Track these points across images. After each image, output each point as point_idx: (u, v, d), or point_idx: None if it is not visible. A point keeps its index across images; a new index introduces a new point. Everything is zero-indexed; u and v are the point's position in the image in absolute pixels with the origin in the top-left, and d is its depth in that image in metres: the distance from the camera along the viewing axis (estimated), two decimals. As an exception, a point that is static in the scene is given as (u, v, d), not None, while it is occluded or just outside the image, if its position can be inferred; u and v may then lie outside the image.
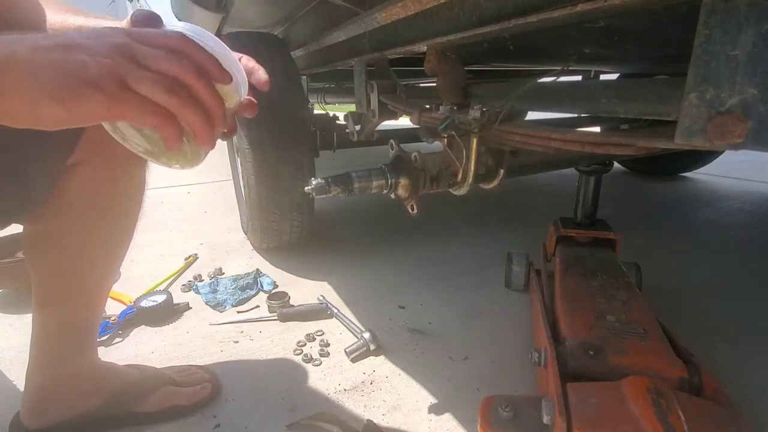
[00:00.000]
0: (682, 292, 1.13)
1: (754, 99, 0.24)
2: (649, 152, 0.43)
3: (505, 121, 0.56)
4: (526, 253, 1.12)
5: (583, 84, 0.53)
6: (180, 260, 1.34)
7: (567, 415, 0.49)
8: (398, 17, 0.45)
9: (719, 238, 1.52)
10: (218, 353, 0.89)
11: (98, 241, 0.61)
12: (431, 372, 0.82)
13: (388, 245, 1.46)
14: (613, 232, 0.97)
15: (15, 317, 1.02)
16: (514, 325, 0.97)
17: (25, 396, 0.65)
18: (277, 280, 1.20)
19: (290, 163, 1.15)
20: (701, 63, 0.26)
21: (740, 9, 0.24)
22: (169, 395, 0.70)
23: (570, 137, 0.48)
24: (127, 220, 0.64)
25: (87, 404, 0.66)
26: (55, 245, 0.58)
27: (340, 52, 1.08)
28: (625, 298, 0.76)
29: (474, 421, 0.69)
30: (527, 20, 0.39)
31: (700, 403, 0.52)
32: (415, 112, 0.69)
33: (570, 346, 0.64)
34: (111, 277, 0.68)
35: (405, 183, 0.58)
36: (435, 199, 0.85)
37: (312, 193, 0.59)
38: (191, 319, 1.03)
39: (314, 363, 0.85)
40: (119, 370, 0.71)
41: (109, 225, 0.61)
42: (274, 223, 1.22)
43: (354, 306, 1.07)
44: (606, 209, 1.07)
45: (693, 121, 0.27)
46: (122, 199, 0.61)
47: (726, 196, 2.07)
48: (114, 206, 0.60)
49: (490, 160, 0.67)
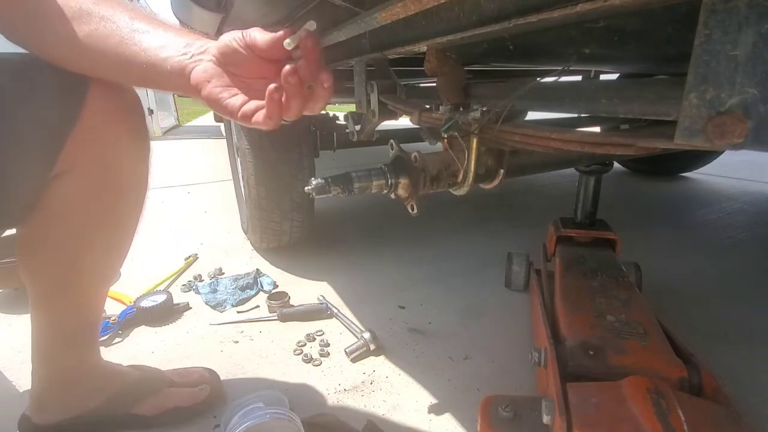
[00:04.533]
0: (682, 292, 1.13)
1: (754, 99, 0.24)
2: (649, 152, 0.43)
3: (506, 122, 0.56)
4: (526, 253, 1.12)
5: (583, 84, 0.53)
6: (180, 260, 1.34)
7: (567, 415, 0.49)
8: (398, 17, 0.45)
9: (719, 238, 1.52)
10: (218, 353, 0.89)
11: (94, 246, 0.59)
12: (431, 372, 0.82)
13: (389, 245, 1.46)
14: (613, 232, 0.97)
15: (15, 317, 1.02)
16: (514, 325, 0.97)
17: (31, 395, 0.65)
18: (277, 280, 1.20)
19: (290, 163, 1.15)
20: (701, 63, 0.26)
21: (740, 9, 0.24)
22: (169, 397, 0.70)
23: (570, 137, 0.48)
24: (127, 222, 0.62)
25: (87, 404, 0.66)
26: (48, 250, 0.57)
27: (340, 52, 1.08)
28: (625, 298, 0.76)
29: (474, 421, 0.69)
30: (527, 20, 0.39)
31: (700, 403, 0.52)
32: (415, 112, 0.69)
33: (570, 346, 0.64)
34: (109, 280, 0.67)
35: (405, 183, 0.58)
36: (435, 199, 0.85)
37: (312, 193, 0.59)
38: (191, 319, 1.03)
39: (314, 363, 0.85)
40: (120, 371, 0.71)
41: (106, 230, 0.60)
42: (274, 223, 1.22)
43: (354, 306, 1.07)
44: (606, 209, 1.07)
45: (693, 121, 0.27)
46: (119, 204, 0.59)
47: (726, 196, 2.07)
48: (110, 211, 0.58)
49: (490, 160, 0.67)
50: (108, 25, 0.46)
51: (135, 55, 0.46)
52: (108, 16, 0.46)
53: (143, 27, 0.47)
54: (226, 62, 0.45)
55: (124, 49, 0.46)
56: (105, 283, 0.66)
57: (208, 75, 0.45)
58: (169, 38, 0.47)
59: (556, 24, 0.48)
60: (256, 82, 0.46)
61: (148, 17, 0.48)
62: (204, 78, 0.45)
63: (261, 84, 0.45)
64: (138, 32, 0.47)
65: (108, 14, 0.47)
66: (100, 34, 0.46)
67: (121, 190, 0.59)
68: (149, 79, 0.48)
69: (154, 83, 0.48)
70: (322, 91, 0.45)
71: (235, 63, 0.45)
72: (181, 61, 0.45)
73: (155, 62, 0.46)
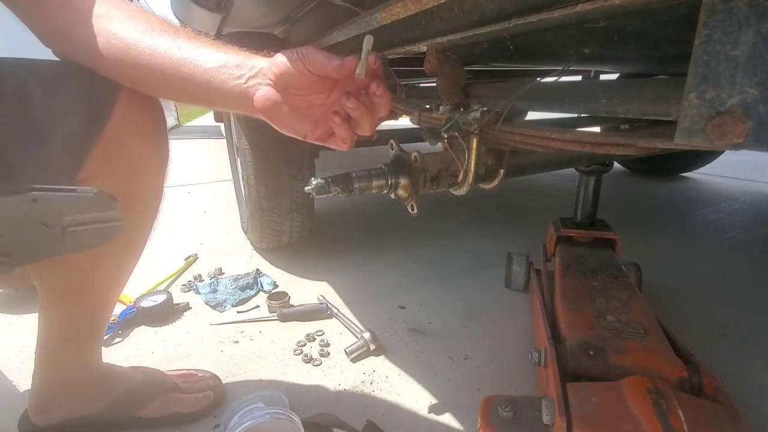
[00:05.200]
0: (682, 292, 1.13)
1: (754, 99, 0.24)
2: (649, 152, 0.43)
3: (506, 122, 0.56)
4: (526, 253, 1.12)
5: (583, 84, 0.53)
6: (180, 260, 1.34)
7: (567, 415, 0.49)
8: (398, 17, 0.45)
9: (719, 238, 1.52)
10: (218, 353, 0.89)
11: (109, 252, 0.58)
12: (431, 372, 0.82)
13: (389, 245, 1.46)
14: (613, 232, 0.97)
15: (15, 317, 1.02)
16: (514, 325, 0.97)
17: (31, 395, 0.65)
18: (277, 280, 1.20)
19: (290, 163, 1.15)
20: (701, 63, 0.26)
21: (740, 9, 0.24)
22: (171, 402, 0.70)
23: (570, 137, 0.48)
24: (141, 231, 0.62)
25: (89, 408, 0.66)
26: (62, 261, 0.56)
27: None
28: (625, 298, 0.76)
29: (474, 421, 0.69)
30: (527, 20, 0.39)
31: (700, 403, 0.52)
32: (415, 112, 0.69)
33: (570, 346, 0.64)
34: (120, 286, 0.66)
35: (405, 183, 0.58)
36: (435, 199, 0.85)
37: (312, 193, 0.59)
38: (191, 319, 1.03)
39: (314, 363, 0.85)
40: (123, 374, 0.71)
41: (122, 237, 0.59)
42: (275, 223, 1.22)
43: (354, 306, 1.07)
44: (606, 209, 1.07)
45: (693, 121, 0.27)
46: (136, 214, 0.58)
47: (726, 196, 2.07)
48: (129, 220, 0.56)
49: (490, 160, 0.67)
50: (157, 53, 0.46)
51: (191, 77, 0.46)
52: (158, 45, 0.46)
53: (192, 47, 0.47)
54: (285, 85, 0.45)
55: (182, 73, 0.46)
56: (116, 288, 0.66)
57: (271, 102, 0.46)
58: (220, 59, 0.46)
59: (556, 24, 0.48)
60: (317, 97, 0.47)
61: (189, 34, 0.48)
62: (268, 105, 0.46)
63: (322, 99, 0.46)
64: (187, 54, 0.46)
65: (158, 43, 0.47)
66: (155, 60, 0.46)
67: (139, 199, 0.58)
68: (213, 102, 0.49)
69: (217, 105, 0.50)
70: (378, 99, 0.46)
71: (293, 85, 0.45)
72: (239, 85, 0.46)
73: (213, 85, 0.46)
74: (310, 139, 0.49)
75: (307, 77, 0.45)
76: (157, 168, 0.59)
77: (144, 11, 0.49)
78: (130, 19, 0.46)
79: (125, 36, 0.46)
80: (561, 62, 0.64)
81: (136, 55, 0.46)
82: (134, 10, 0.48)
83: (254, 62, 0.46)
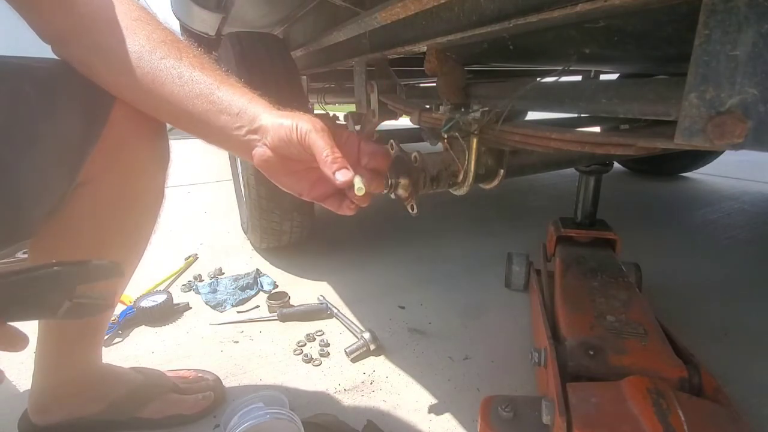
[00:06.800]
0: (682, 292, 1.13)
1: (754, 99, 0.24)
2: (649, 152, 0.43)
3: (506, 122, 0.56)
4: (526, 253, 1.12)
5: (583, 84, 0.53)
6: (180, 260, 1.34)
7: (567, 415, 0.49)
8: (398, 17, 0.45)
9: (719, 238, 1.52)
10: (218, 353, 0.89)
11: (110, 255, 0.57)
12: (431, 372, 0.82)
13: (389, 245, 1.46)
14: (613, 232, 0.97)
15: (15, 317, 1.02)
16: (514, 325, 0.97)
17: (31, 395, 0.65)
18: (277, 280, 1.20)
19: (290, 163, 1.15)
20: (701, 63, 0.26)
21: (740, 9, 0.24)
22: (171, 403, 0.70)
23: (570, 137, 0.48)
24: (140, 233, 0.61)
25: (89, 408, 0.66)
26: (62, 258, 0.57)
27: (340, 52, 1.08)
28: (625, 298, 0.76)
29: (474, 421, 0.69)
30: (527, 20, 0.39)
31: (700, 403, 0.52)
32: (415, 112, 0.69)
33: (570, 346, 0.64)
34: (120, 288, 0.66)
35: (405, 183, 0.57)
36: (435, 199, 0.85)
37: (312, 193, 0.59)
38: (191, 319, 1.03)
39: (314, 363, 0.85)
40: (123, 375, 0.71)
41: (121, 239, 0.59)
42: (274, 223, 1.22)
43: (354, 306, 1.07)
44: (606, 209, 1.07)
45: (693, 121, 0.27)
46: (136, 215, 0.58)
47: (726, 196, 2.07)
48: (125, 222, 0.58)
49: (490, 160, 0.67)
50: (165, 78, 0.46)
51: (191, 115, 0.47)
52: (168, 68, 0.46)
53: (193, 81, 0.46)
54: (281, 153, 0.46)
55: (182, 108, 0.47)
56: (116, 289, 0.65)
57: (269, 163, 0.47)
58: (221, 102, 0.46)
59: (556, 24, 0.48)
60: (314, 164, 0.46)
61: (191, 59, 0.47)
62: (264, 165, 0.47)
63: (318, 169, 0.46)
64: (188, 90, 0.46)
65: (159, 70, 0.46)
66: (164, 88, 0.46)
67: (139, 200, 0.58)
68: (213, 142, 0.50)
69: (218, 146, 0.50)
70: (376, 186, 0.50)
71: (290, 155, 0.46)
72: (239, 137, 0.46)
73: (212, 129, 0.47)
74: (306, 198, 0.50)
75: (304, 153, 0.45)
76: (157, 169, 0.58)
77: (146, 21, 0.48)
78: (131, 35, 0.46)
79: (124, 58, 0.45)
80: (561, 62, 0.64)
81: (135, 79, 0.46)
82: (136, 20, 0.47)
83: (255, 112, 0.46)
